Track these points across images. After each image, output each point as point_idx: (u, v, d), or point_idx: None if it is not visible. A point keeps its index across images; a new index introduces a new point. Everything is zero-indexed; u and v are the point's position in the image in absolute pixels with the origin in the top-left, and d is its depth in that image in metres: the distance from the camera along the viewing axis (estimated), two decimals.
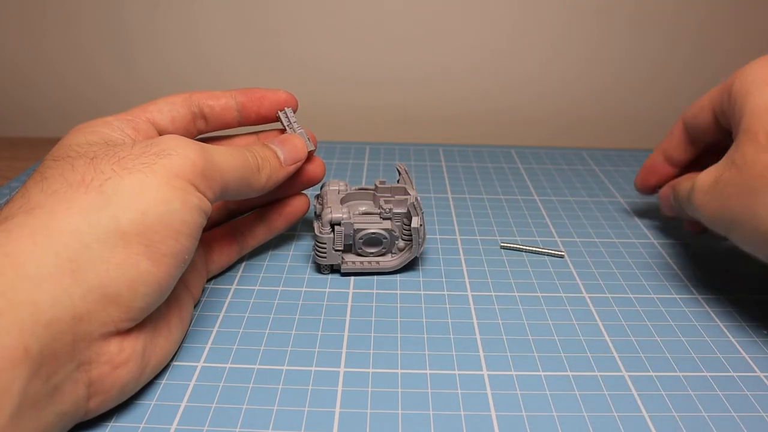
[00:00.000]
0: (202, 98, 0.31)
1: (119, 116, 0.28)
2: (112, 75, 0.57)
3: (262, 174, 0.29)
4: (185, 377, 0.25)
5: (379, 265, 0.33)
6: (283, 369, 0.26)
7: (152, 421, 0.23)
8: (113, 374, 0.22)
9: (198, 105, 0.30)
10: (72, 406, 0.20)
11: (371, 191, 0.35)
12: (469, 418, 0.23)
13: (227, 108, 0.31)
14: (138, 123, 0.28)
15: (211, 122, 0.31)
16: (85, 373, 0.21)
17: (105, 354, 0.21)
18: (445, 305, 0.31)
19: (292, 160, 0.31)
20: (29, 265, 0.19)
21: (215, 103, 0.31)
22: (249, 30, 0.55)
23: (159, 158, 0.23)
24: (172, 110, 0.30)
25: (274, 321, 0.29)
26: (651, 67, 0.57)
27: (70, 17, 0.55)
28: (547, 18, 0.55)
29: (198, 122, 0.31)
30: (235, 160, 0.27)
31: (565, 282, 0.33)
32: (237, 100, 0.31)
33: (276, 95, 0.32)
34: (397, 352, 0.27)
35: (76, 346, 0.20)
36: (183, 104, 0.30)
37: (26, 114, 0.60)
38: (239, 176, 0.27)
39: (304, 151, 0.32)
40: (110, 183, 0.22)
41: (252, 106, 0.32)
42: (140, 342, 0.23)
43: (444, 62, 0.57)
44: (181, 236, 0.23)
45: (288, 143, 0.31)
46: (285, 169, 0.31)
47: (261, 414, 0.23)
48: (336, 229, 0.32)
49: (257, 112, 0.32)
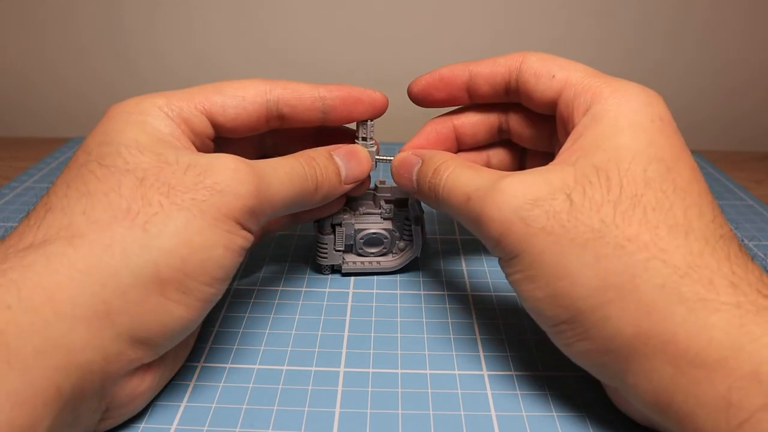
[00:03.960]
0: (284, 95, 0.26)
1: (171, 98, 0.24)
2: (112, 75, 0.57)
3: (318, 193, 0.26)
4: (185, 377, 0.25)
5: (380, 265, 0.33)
6: (283, 369, 0.26)
7: (152, 421, 0.23)
8: (131, 404, 0.22)
9: (277, 103, 0.26)
10: (85, 429, 0.21)
11: (371, 191, 0.35)
12: (469, 418, 0.23)
13: (312, 109, 0.27)
14: (190, 113, 0.24)
15: (289, 122, 0.27)
16: (104, 403, 0.21)
17: (127, 388, 0.21)
18: (445, 305, 0.31)
19: (353, 179, 0.28)
20: (66, 304, 0.18)
21: (298, 103, 0.27)
22: (249, 30, 0.55)
23: (211, 195, 0.21)
24: (239, 107, 0.25)
25: (274, 321, 0.29)
26: (650, 68, 0.57)
27: (70, 17, 0.55)
28: (547, 18, 0.55)
29: (272, 122, 0.27)
30: (292, 185, 0.24)
31: None
32: (326, 102, 0.27)
33: (372, 98, 0.28)
34: (397, 352, 0.27)
35: (104, 383, 0.20)
36: (256, 100, 0.26)
37: (26, 114, 0.60)
38: (294, 200, 0.25)
39: (368, 170, 0.29)
40: (156, 220, 0.20)
41: (343, 110, 0.28)
42: (160, 372, 0.23)
43: (444, 62, 0.57)
44: (218, 282, 0.22)
45: (354, 159, 0.28)
46: (342, 187, 0.28)
47: (261, 414, 0.23)
48: (337, 230, 0.32)
49: (348, 117, 0.28)
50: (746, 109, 0.59)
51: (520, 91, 0.27)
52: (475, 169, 0.25)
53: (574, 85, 0.24)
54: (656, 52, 0.56)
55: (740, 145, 0.60)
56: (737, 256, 0.20)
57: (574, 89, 0.24)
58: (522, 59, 0.27)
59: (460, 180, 0.24)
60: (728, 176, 0.49)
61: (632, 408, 0.22)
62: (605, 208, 0.20)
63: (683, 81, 0.57)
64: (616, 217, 0.20)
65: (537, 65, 0.26)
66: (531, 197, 0.21)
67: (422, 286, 0.33)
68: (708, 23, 0.55)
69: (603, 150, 0.22)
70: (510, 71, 0.27)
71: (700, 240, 0.20)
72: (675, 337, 0.18)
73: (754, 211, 0.43)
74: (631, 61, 0.56)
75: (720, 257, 0.19)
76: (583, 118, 0.23)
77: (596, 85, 0.24)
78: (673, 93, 0.58)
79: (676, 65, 0.57)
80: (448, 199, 0.25)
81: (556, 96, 0.25)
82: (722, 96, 0.58)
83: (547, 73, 0.25)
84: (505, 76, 0.27)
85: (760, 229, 0.40)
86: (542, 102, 0.26)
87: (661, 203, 0.20)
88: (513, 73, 0.27)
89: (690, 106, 0.58)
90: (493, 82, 0.28)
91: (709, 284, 0.19)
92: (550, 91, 0.25)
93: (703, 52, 0.56)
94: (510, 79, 0.27)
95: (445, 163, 0.26)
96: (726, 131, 0.60)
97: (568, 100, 0.24)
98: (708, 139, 0.60)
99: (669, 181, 0.21)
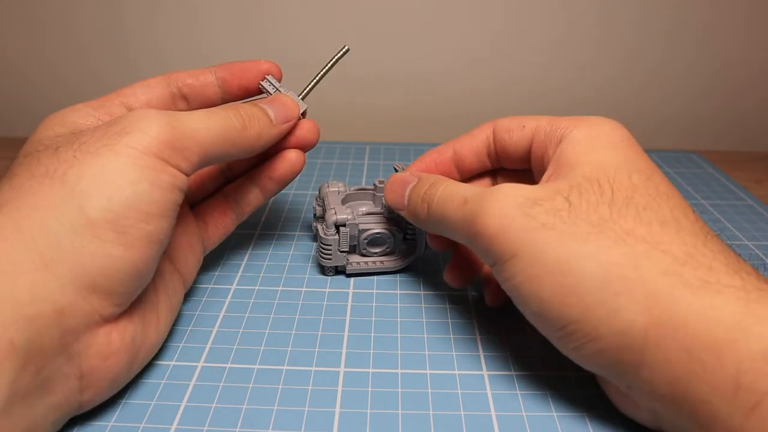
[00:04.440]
0: (180, 77, 0.29)
1: (90, 102, 0.27)
2: (112, 75, 0.57)
3: (250, 132, 0.27)
4: (185, 377, 0.25)
5: (384, 265, 0.33)
6: (283, 369, 0.26)
7: (152, 421, 0.23)
8: (104, 365, 0.22)
9: (176, 84, 0.29)
10: (64, 398, 0.21)
11: (370, 191, 0.35)
12: (469, 418, 0.23)
13: (207, 84, 0.30)
14: (110, 107, 0.27)
15: (192, 101, 0.30)
16: (75, 365, 0.21)
17: (94, 346, 0.21)
18: (445, 305, 0.31)
19: (284, 119, 0.29)
20: (3, 262, 0.19)
21: (194, 81, 0.30)
22: (249, 30, 0.55)
23: (121, 137, 0.22)
24: (147, 92, 0.28)
25: (274, 321, 0.29)
26: (650, 68, 0.57)
27: (70, 17, 0.55)
28: (548, 18, 0.55)
29: (178, 103, 0.30)
30: (214, 122, 0.25)
31: None
32: (217, 76, 0.30)
33: (257, 65, 0.31)
34: (397, 352, 0.27)
35: (64, 339, 0.20)
36: (160, 85, 0.29)
37: (26, 114, 0.60)
38: (221, 138, 0.25)
39: (296, 109, 0.30)
40: (73, 171, 0.21)
41: (233, 80, 0.30)
42: (129, 331, 0.23)
43: (444, 62, 0.57)
44: (153, 218, 0.22)
45: (276, 102, 0.29)
46: (277, 127, 0.29)
47: (261, 414, 0.23)
48: (341, 231, 0.32)
49: (239, 85, 0.31)
50: (746, 109, 0.59)
51: (498, 152, 0.29)
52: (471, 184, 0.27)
53: (543, 127, 0.26)
54: (656, 52, 0.56)
55: (740, 145, 0.60)
56: (727, 250, 0.21)
57: (544, 130, 0.26)
58: (494, 124, 0.29)
59: (457, 189, 0.26)
60: (728, 176, 0.49)
61: (638, 408, 0.22)
62: (601, 207, 0.22)
63: (683, 81, 0.57)
64: (612, 214, 0.21)
65: (507, 123, 0.28)
66: (532, 197, 0.22)
67: (422, 286, 0.33)
68: (708, 23, 0.55)
69: (587, 163, 0.23)
70: (487, 136, 0.29)
71: (692, 235, 0.21)
72: (685, 322, 0.19)
73: (754, 211, 0.43)
74: (631, 61, 0.56)
75: (714, 248, 0.21)
76: (559, 146, 0.25)
77: (563, 121, 0.26)
78: (674, 93, 0.58)
79: (677, 65, 0.57)
80: (442, 206, 0.25)
81: (529, 142, 0.27)
82: (722, 96, 0.58)
83: (518, 126, 0.28)
84: (483, 142, 0.29)
85: (759, 229, 0.40)
86: (519, 152, 0.28)
87: (650, 204, 0.22)
88: (489, 138, 0.29)
89: (690, 106, 0.58)
90: (476, 152, 0.30)
91: (710, 270, 0.20)
92: (523, 139, 0.27)
93: (703, 52, 0.56)
94: (489, 144, 0.29)
95: (441, 179, 0.27)
96: (726, 131, 0.60)
97: (540, 140, 0.26)
98: (708, 139, 0.60)
99: (652, 187, 0.23)
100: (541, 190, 0.23)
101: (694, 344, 0.18)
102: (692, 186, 0.47)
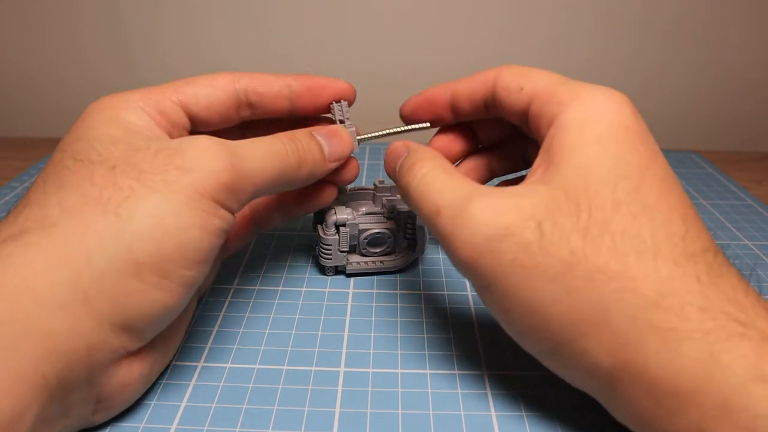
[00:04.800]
0: (251, 84, 0.27)
1: (145, 93, 0.25)
2: (112, 75, 0.57)
3: (302, 169, 0.26)
4: (185, 377, 0.25)
5: (384, 265, 0.33)
6: (283, 369, 0.26)
7: (152, 421, 0.23)
8: (122, 392, 0.22)
9: (245, 90, 0.27)
10: (79, 420, 0.21)
11: (370, 191, 0.35)
12: (469, 418, 0.23)
13: (279, 97, 0.28)
14: (165, 105, 0.25)
15: (258, 111, 0.28)
16: (95, 393, 0.21)
17: (116, 376, 0.21)
18: (445, 305, 0.31)
19: (337, 157, 0.28)
20: (45, 292, 0.19)
21: (266, 91, 0.27)
22: (249, 30, 0.55)
23: (181, 174, 0.21)
24: (210, 95, 0.26)
25: (274, 321, 0.29)
26: (651, 68, 0.57)
27: (70, 17, 0.55)
28: (548, 18, 0.55)
29: (242, 110, 0.28)
30: (273, 161, 0.24)
31: None
32: (292, 89, 0.28)
33: (337, 85, 0.29)
34: (397, 352, 0.27)
35: (91, 373, 0.20)
36: (226, 88, 0.27)
37: (26, 114, 0.60)
38: (276, 177, 0.24)
39: (350, 149, 0.29)
40: (127, 205, 0.20)
41: (308, 98, 0.28)
42: (149, 361, 0.23)
43: (445, 62, 0.57)
44: (196, 264, 0.21)
45: (336, 137, 0.28)
46: (328, 165, 0.27)
47: (261, 414, 0.23)
48: (341, 231, 0.32)
49: (313, 104, 0.29)
50: (746, 110, 0.59)
51: (497, 106, 0.27)
52: (449, 175, 0.24)
53: (540, 95, 0.24)
54: (657, 52, 0.56)
55: (740, 145, 0.60)
56: (709, 274, 0.19)
57: (540, 100, 0.24)
58: (496, 74, 0.26)
59: (432, 187, 0.24)
60: (728, 176, 0.49)
61: None
62: (574, 238, 0.20)
63: (683, 81, 0.57)
64: (585, 247, 0.20)
65: (508, 79, 0.26)
66: (502, 225, 0.21)
67: (422, 286, 0.33)
68: (708, 24, 0.55)
69: (571, 167, 0.21)
70: (486, 87, 0.27)
71: (669, 263, 0.19)
72: (650, 368, 0.18)
73: (754, 211, 0.43)
74: (631, 62, 0.56)
75: (690, 280, 0.19)
76: (550, 129, 0.23)
77: (561, 93, 0.23)
78: (674, 93, 0.58)
79: (677, 65, 0.57)
80: (418, 205, 0.25)
81: (526, 108, 0.25)
82: (722, 96, 0.58)
83: (516, 87, 0.25)
84: (482, 92, 0.27)
85: (759, 229, 0.40)
86: (515, 115, 0.26)
87: (629, 228, 0.20)
88: (489, 89, 0.26)
89: (690, 106, 0.58)
90: (473, 99, 0.27)
91: (680, 311, 0.18)
92: (519, 104, 0.25)
93: (703, 52, 0.56)
94: (487, 95, 0.27)
95: (421, 161, 0.25)
96: (726, 131, 0.60)
97: (535, 111, 0.24)
98: (708, 139, 0.60)
99: (637, 201, 0.20)
100: (515, 213, 0.21)
101: (658, 390, 0.18)
102: (692, 186, 0.47)
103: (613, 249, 0.20)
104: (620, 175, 0.21)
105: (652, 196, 0.21)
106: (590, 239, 0.20)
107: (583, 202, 0.20)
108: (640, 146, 0.22)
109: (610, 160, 0.21)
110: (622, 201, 0.20)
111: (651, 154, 0.22)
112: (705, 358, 0.18)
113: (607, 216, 0.20)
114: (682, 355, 0.18)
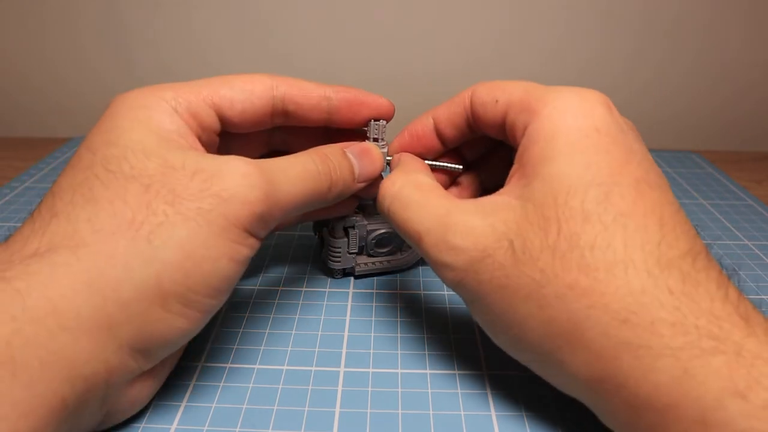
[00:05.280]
0: (290, 92, 0.26)
1: (178, 92, 0.24)
2: (112, 75, 0.57)
3: (332, 192, 0.25)
4: (185, 377, 0.25)
5: (390, 264, 0.33)
6: (283, 369, 0.26)
7: (152, 421, 0.23)
8: (130, 406, 0.22)
9: (283, 100, 0.26)
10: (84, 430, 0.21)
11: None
12: (469, 418, 0.23)
13: (317, 108, 0.27)
14: (198, 107, 0.24)
15: (293, 120, 0.27)
16: (105, 408, 0.21)
17: (127, 395, 0.21)
18: (445, 305, 0.31)
19: (366, 177, 0.27)
20: (70, 317, 0.18)
21: (305, 101, 0.26)
22: (249, 31, 0.55)
23: (217, 203, 0.21)
24: (246, 101, 0.25)
25: (274, 321, 0.29)
26: (651, 68, 0.57)
27: (70, 17, 0.55)
28: (548, 18, 0.55)
29: (276, 119, 0.27)
30: (305, 185, 0.24)
31: None
32: (331, 103, 0.27)
33: (376, 103, 0.28)
34: (397, 352, 0.27)
35: (107, 393, 0.20)
36: (263, 95, 0.25)
37: (26, 114, 0.60)
38: (306, 202, 0.24)
39: (381, 169, 0.28)
40: (160, 232, 0.20)
41: (348, 113, 0.27)
42: (159, 377, 0.23)
43: (445, 62, 0.57)
44: (220, 293, 0.21)
45: (368, 157, 0.27)
46: (356, 185, 0.27)
47: (261, 414, 0.23)
48: (350, 233, 0.32)
49: (351, 119, 0.28)
50: (746, 110, 0.59)
51: (477, 123, 0.26)
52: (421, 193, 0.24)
53: (514, 105, 0.24)
54: (657, 52, 0.56)
55: (740, 145, 0.60)
56: (684, 283, 0.19)
57: (514, 110, 0.24)
58: (472, 91, 0.26)
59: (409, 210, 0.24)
60: (728, 176, 0.49)
61: None
62: (544, 256, 0.20)
63: (684, 81, 0.57)
64: (555, 265, 0.20)
65: (483, 93, 0.25)
66: (480, 248, 0.21)
67: (422, 286, 0.33)
68: (708, 24, 0.55)
69: (542, 179, 0.21)
70: (465, 107, 0.26)
71: (642, 274, 0.19)
72: (626, 383, 0.18)
73: (754, 211, 0.43)
74: (631, 62, 0.56)
75: (662, 293, 0.18)
76: (522, 139, 0.23)
77: (531, 101, 0.23)
78: (674, 93, 0.58)
79: (677, 66, 0.57)
80: (398, 229, 0.25)
81: (502, 120, 0.24)
82: (722, 96, 0.58)
83: (491, 100, 0.25)
84: (462, 113, 0.27)
85: (759, 229, 0.40)
86: (494, 129, 0.25)
87: (599, 240, 0.19)
88: (468, 108, 0.26)
89: (691, 106, 0.58)
90: (455, 122, 0.27)
91: (651, 326, 0.18)
92: (496, 117, 0.25)
93: (703, 52, 0.56)
94: (467, 114, 0.26)
95: (390, 178, 0.26)
96: (726, 131, 0.60)
97: (510, 122, 0.24)
98: (708, 139, 0.60)
99: (609, 210, 0.20)
100: (490, 234, 0.21)
101: (637, 403, 0.18)
102: (692, 186, 0.47)
103: (583, 264, 0.19)
104: (590, 183, 0.20)
105: (624, 201, 0.20)
106: (559, 256, 0.20)
107: (552, 217, 0.20)
108: (612, 148, 0.21)
109: (579, 169, 0.21)
110: (592, 211, 0.20)
111: (624, 154, 0.21)
112: (679, 375, 0.18)
113: (578, 228, 0.20)
114: (656, 371, 0.18)
